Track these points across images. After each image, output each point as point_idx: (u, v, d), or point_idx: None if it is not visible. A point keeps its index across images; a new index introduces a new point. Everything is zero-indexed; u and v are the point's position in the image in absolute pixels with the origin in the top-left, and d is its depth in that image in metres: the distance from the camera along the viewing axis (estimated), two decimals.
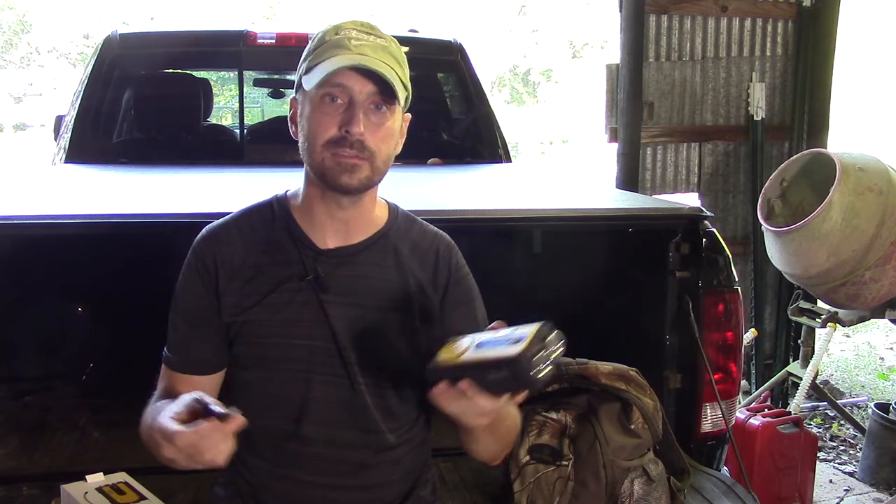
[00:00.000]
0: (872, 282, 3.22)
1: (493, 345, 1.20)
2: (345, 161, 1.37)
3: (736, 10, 4.41)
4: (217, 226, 1.52)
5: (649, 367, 2.07)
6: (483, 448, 1.48)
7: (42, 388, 2.72)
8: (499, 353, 1.18)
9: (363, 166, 1.38)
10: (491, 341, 1.21)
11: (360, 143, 1.37)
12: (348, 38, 1.39)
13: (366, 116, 1.38)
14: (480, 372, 1.19)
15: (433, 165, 3.47)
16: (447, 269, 1.53)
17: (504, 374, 1.16)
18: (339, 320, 1.45)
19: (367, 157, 1.38)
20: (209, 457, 1.20)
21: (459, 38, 3.91)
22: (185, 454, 1.21)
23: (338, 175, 1.38)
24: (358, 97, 1.37)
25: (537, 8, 17.17)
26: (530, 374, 1.14)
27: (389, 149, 1.43)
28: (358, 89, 1.37)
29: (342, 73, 1.36)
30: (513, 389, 1.21)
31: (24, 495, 2.00)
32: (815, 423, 4.37)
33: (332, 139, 1.37)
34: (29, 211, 2.03)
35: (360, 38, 1.39)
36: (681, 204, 2.49)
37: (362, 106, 1.38)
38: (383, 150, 1.41)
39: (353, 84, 1.37)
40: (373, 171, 1.40)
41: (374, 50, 1.39)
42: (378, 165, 1.41)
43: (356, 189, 1.41)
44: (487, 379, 1.18)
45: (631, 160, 4.22)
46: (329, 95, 1.38)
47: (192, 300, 1.47)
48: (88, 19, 16.75)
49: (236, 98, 3.97)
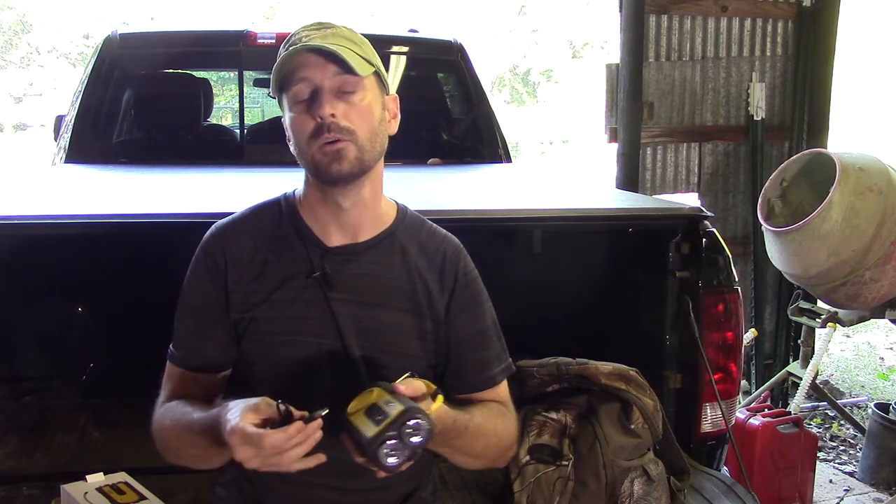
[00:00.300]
0: (872, 282, 3.22)
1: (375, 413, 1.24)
2: (328, 149, 1.38)
3: (736, 10, 4.41)
4: (226, 223, 1.52)
5: (649, 367, 2.07)
6: (458, 462, 1.51)
7: (42, 388, 2.73)
8: (365, 427, 1.23)
9: (347, 148, 1.38)
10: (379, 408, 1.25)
11: (335, 124, 1.37)
12: (298, 39, 1.41)
13: (336, 98, 1.39)
14: (354, 435, 1.25)
15: (433, 165, 3.47)
16: (454, 272, 1.53)
17: (361, 448, 1.23)
18: (346, 318, 1.46)
19: (348, 136, 1.38)
20: (293, 455, 1.23)
21: (459, 38, 3.91)
22: (266, 456, 1.22)
23: (327, 166, 1.39)
24: (321, 84, 1.38)
25: (537, 8, 17.16)
26: (376, 457, 1.20)
27: (371, 124, 1.42)
28: (319, 76, 1.38)
29: (299, 65, 1.38)
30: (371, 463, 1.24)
31: (24, 495, 2.00)
32: (815, 423, 4.37)
33: (312, 132, 1.38)
34: (29, 211, 2.03)
35: (310, 34, 1.41)
36: (681, 204, 2.49)
37: (330, 91, 1.38)
38: (363, 127, 1.40)
39: (312, 74, 1.38)
40: (359, 149, 1.40)
41: (324, 38, 1.40)
42: (363, 143, 1.40)
43: (350, 174, 1.40)
44: (360, 443, 1.24)
45: (631, 160, 4.22)
46: (297, 95, 1.39)
47: (200, 297, 1.47)
48: (88, 19, 16.75)
49: (236, 98, 3.97)
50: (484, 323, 1.54)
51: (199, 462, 1.43)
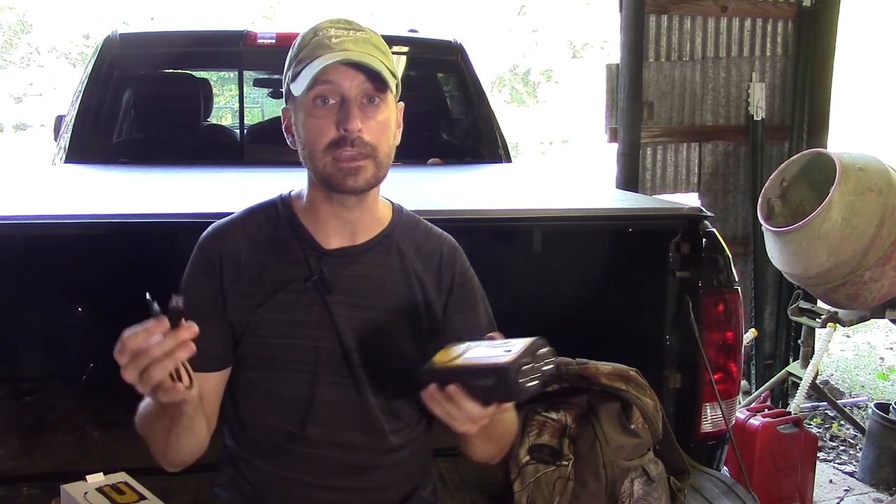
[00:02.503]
0: (872, 282, 3.22)
1: (485, 353, 1.21)
2: (346, 165, 1.36)
3: (736, 10, 4.42)
4: (222, 224, 1.52)
5: (649, 367, 2.07)
6: (478, 451, 1.49)
7: (42, 388, 2.72)
8: (488, 360, 1.19)
9: (366, 165, 1.37)
10: (484, 349, 1.23)
11: (359, 139, 1.36)
12: (328, 38, 1.38)
13: (360, 111, 1.37)
14: (468, 377, 1.20)
15: (433, 165, 3.47)
16: (451, 271, 1.53)
17: (491, 382, 1.17)
18: (344, 320, 1.45)
19: (369, 152, 1.37)
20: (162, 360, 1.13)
21: (459, 38, 3.91)
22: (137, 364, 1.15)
23: (342, 179, 1.37)
24: (349, 93, 1.36)
25: (537, 8, 17.16)
26: (516, 384, 1.15)
27: (389, 141, 1.42)
28: (348, 85, 1.36)
29: (329, 71, 1.35)
30: (498, 399, 1.21)
31: (24, 495, 1.99)
32: (815, 423, 4.37)
33: (332, 141, 1.36)
34: (29, 211, 2.03)
35: (340, 35, 1.38)
36: (681, 204, 2.49)
37: (355, 101, 1.37)
38: (384, 144, 1.40)
39: (341, 80, 1.36)
40: (377, 167, 1.39)
41: (355, 43, 1.38)
42: (381, 160, 1.39)
43: (363, 189, 1.40)
44: (474, 385, 1.19)
45: (631, 160, 4.22)
46: (320, 97, 1.37)
47: (196, 295, 1.46)
48: (88, 19, 16.75)
49: (236, 98, 3.97)
50: (480, 322, 1.54)
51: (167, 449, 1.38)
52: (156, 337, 1.14)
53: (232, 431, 1.55)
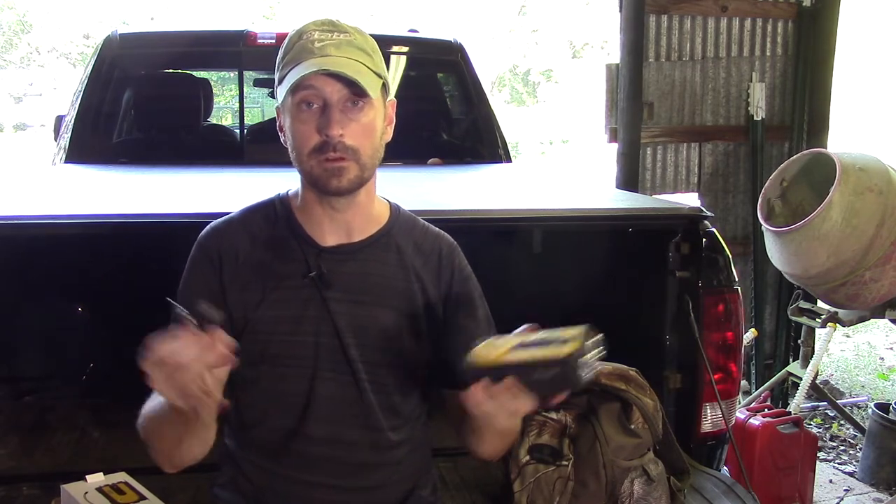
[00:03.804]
0: (872, 282, 3.22)
1: (539, 345, 1.22)
2: (330, 166, 1.39)
3: (736, 10, 4.41)
4: (221, 222, 1.53)
5: (649, 367, 2.07)
6: (487, 447, 1.48)
7: (42, 388, 2.72)
8: (549, 352, 1.20)
9: (349, 167, 1.40)
10: (535, 342, 1.23)
11: (341, 144, 1.38)
12: (311, 42, 1.40)
13: (343, 115, 1.39)
14: (527, 371, 1.21)
15: (433, 165, 3.47)
16: (450, 270, 1.54)
17: (552, 374, 1.19)
18: (343, 317, 1.46)
19: (352, 156, 1.39)
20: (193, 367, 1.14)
21: (459, 38, 3.91)
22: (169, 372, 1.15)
23: (327, 180, 1.40)
24: (331, 98, 1.38)
25: (537, 8, 17.16)
26: (578, 373, 1.18)
27: (374, 142, 1.43)
28: (329, 90, 1.38)
29: (311, 77, 1.37)
30: (557, 389, 1.22)
31: (24, 495, 1.99)
32: (815, 423, 4.37)
33: (315, 146, 1.39)
34: (29, 211, 2.03)
35: (323, 39, 1.40)
36: (681, 204, 2.49)
37: (337, 106, 1.38)
38: (367, 146, 1.41)
39: (323, 86, 1.38)
40: (360, 168, 1.41)
41: (338, 48, 1.39)
42: (364, 161, 1.41)
43: (347, 190, 1.42)
44: (533, 378, 1.21)
45: (631, 160, 4.22)
46: (304, 102, 1.39)
47: (196, 290, 1.46)
48: (88, 19, 16.74)
49: (236, 98, 3.97)
50: (479, 319, 1.55)
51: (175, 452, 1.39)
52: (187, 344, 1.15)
53: (232, 430, 1.55)
